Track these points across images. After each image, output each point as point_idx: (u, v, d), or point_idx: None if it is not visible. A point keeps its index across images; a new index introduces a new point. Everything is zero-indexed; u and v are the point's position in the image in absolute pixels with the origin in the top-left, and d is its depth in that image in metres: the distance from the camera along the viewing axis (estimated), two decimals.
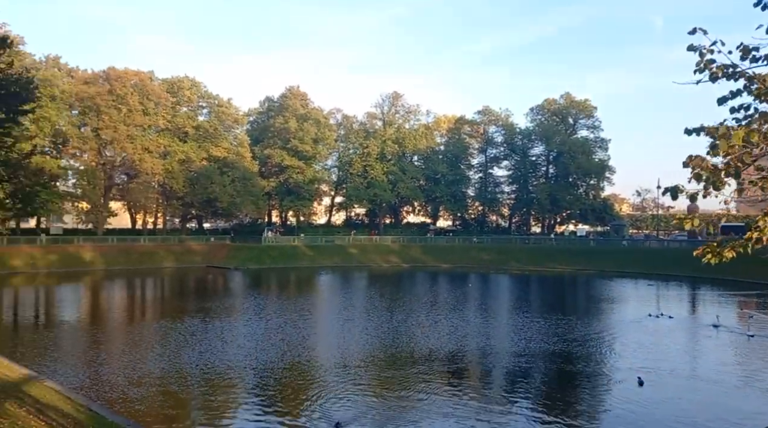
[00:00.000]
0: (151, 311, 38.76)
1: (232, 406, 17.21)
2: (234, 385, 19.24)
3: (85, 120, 71.50)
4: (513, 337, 27.52)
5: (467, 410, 16.62)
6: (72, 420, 12.46)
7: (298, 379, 19.93)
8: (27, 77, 22.86)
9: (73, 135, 69.61)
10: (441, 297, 44.90)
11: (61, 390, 17.23)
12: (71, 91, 70.30)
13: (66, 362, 21.74)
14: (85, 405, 15.96)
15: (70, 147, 70.99)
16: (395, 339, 26.65)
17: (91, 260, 67.83)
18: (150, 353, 23.46)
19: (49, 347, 24.40)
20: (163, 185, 78.26)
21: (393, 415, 16.12)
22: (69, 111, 72.60)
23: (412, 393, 18.32)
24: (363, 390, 18.50)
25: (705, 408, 17.02)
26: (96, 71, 74.65)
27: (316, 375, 20.46)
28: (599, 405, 17.61)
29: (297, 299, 42.24)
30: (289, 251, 77.48)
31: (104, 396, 17.49)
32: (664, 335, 28.52)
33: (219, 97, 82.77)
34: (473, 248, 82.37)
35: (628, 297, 45.29)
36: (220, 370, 20.69)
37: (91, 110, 70.20)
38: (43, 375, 19.04)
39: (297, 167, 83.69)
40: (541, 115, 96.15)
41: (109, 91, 70.37)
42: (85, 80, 72.55)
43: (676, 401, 17.59)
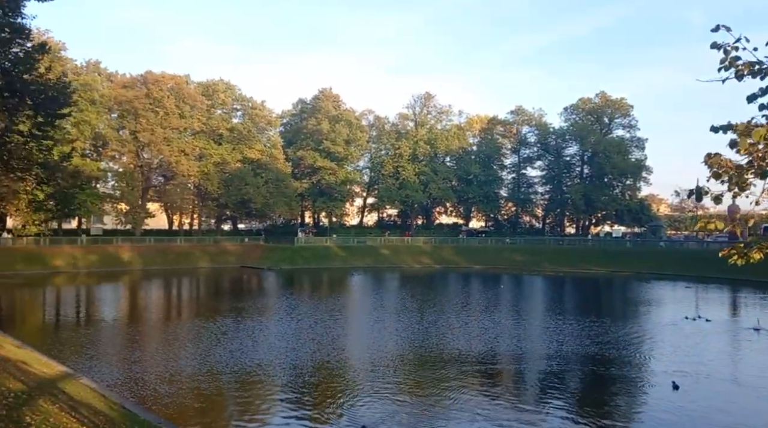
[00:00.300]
0: (185, 310, 39.48)
1: (259, 405, 17.38)
2: (263, 384, 19.43)
3: (123, 123, 73.36)
4: (545, 339, 27.17)
5: (497, 413, 16.45)
6: (104, 418, 12.75)
7: (327, 379, 20.04)
8: (64, 82, 23.53)
9: (112, 138, 71.42)
10: (472, 298, 44.62)
11: (96, 388, 17.67)
12: (110, 95, 72.20)
13: (102, 359, 22.26)
14: (118, 403, 16.34)
15: (109, 150, 72.85)
16: (425, 340, 26.57)
17: (129, 260, 69.41)
18: (182, 351, 23.86)
19: (87, 345, 25.02)
20: (198, 186, 79.70)
21: (421, 417, 16.04)
22: (108, 115, 74.56)
23: (441, 394, 18.23)
24: (391, 391, 18.47)
25: (741, 414, 16.52)
26: (134, 75, 76.50)
27: (345, 375, 20.54)
28: (632, 410, 17.24)
29: (328, 300, 42.47)
30: (321, 252, 77.98)
31: (137, 394, 17.86)
32: (702, 338, 27.79)
33: (253, 99, 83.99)
34: (506, 249, 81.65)
35: (665, 300, 44.28)
36: (250, 369, 20.92)
37: (129, 113, 71.94)
38: (79, 372, 19.59)
39: (329, 168, 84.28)
40: (575, 114, 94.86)
41: (146, 94, 71.97)
42: (124, 84, 74.38)
43: (712, 406, 17.10)
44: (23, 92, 19.95)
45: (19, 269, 61.03)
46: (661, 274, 62.47)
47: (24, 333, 27.56)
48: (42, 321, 34.40)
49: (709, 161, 5.18)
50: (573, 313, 36.16)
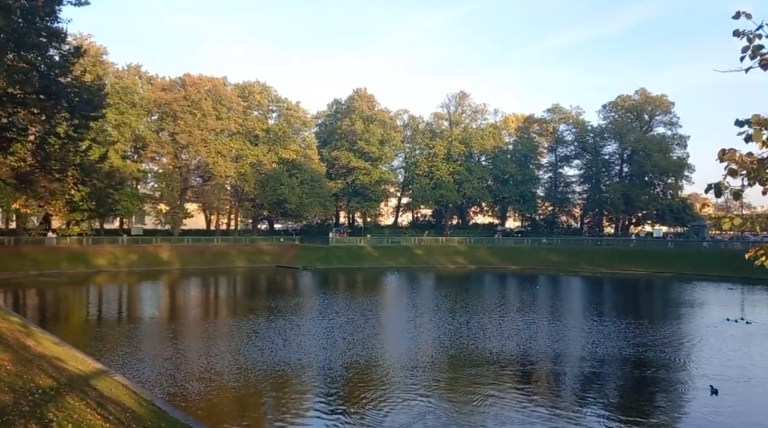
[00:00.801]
0: (219, 308, 40.02)
1: (286, 403, 17.41)
2: (291, 383, 19.48)
3: (162, 125, 75.02)
4: (580, 340, 26.58)
5: (529, 414, 16.14)
6: (131, 415, 12.93)
7: (355, 379, 19.96)
8: (98, 85, 24.10)
9: (151, 140, 73.07)
10: (507, 299, 44.07)
11: (129, 385, 17.97)
12: (150, 97, 73.87)
13: (137, 356, 22.65)
14: (149, 400, 16.57)
15: (149, 151, 74.50)
16: (458, 340, 26.30)
17: (168, 259, 70.86)
18: (214, 349, 24.15)
19: (124, 342, 25.52)
20: (235, 187, 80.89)
21: (451, 420, 15.80)
22: (148, 117, 76.30)
23: (472, 396, 17.97)
24: (422, 392, 18.27)
25: None
26: (173, 78, 78.07)
27: (374, 375, 20.41)
28: (667, 414, 16.66)
29: (360, 299, 42.49)
30: (355, 252, 78.23)
31: (168, 391, 18.11)
32: (744, 341, 26.80)
33: (288, 100, 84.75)
34: (542, 250, 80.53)
35: (707, 301, 42.93)
36: (279, 367, 21.00)
37: (168, 115, 73.50)
38: (113, 369, 19.98)
39: (363, 168, 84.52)
40: (614, 112, 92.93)
41: (184, 97, 73.36)
42: (163, 87, 76.02)
43: (750, 412, 16.44)
44: (59, 95, 20.51)
45: (63, 267, 62.95)
46: (704, 275, 60.68)
47: (65, 330, 28.31)
48: (82, 318, 35.28)
49: (723, 156, 4.92)
50: (610, 314, 35.36)
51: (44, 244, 67.26)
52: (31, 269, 59.91)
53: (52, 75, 20.98)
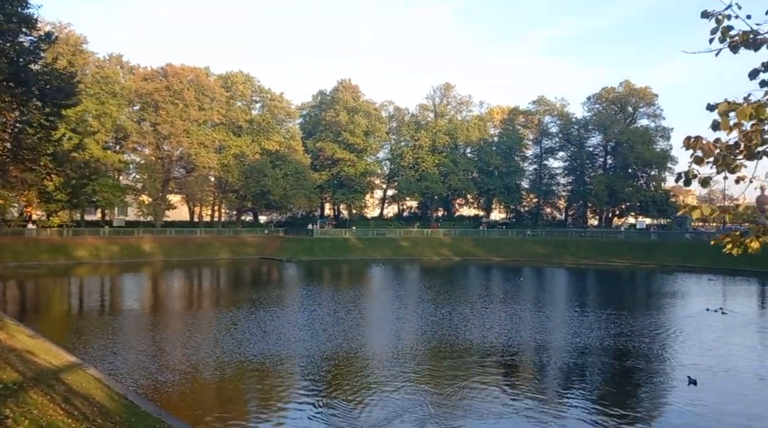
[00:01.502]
0: (201, 301, 39.57)
1: (260, 396, 17.16)
2: (267, 375, 19.21)
3: (144, 115, 73.96)
4: (562, 331, 26.58)
5: (509, 405, 16.03)
6: (99, 409, 12.63)
7: (334, 371, 19.75)
8: (69, 73, 23.53)
9: (132, 130, 72.03)
10: (491, 291, 44.11)
11: (102, 378, 17.63)
12: (131, 87, 72.80)
13: (114, 349, 22.24)
14: (121, 394, 16.26)
15: (130, 142, 73.52)
16: (440, 331, 26.18)
17: (150, 251, 70.10)
18: (193, 341, 23.81)
19: (101, 334, 25.09)
20: (218, 178, 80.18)
21: (433, 411, 15.60)
22: (129, 107, 75.24)
23: (454, 388, 17.84)
24: (403, 384, 18.07)
25: (757, 409, 15.84)
26: (154, 68, 76.96)
27: (353, 367, 20.22)
28: (647, 405, 16.65)
29: (343, 291, 42.29)
30: (340, 244, 77.92)
31: (142, 384, 17.77)
32: (722, 331, 26.96)
33: (271, 91, 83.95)
34: (527, 241, 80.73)
35: (688, 292, 43.26)
36: (256, 359, 20.74)
37: (150, 105, 72.52)
38: (88, 362, 19.62)
39: (348, 159, 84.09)
40: (598, 104, 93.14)
41: (166, 87, 72.39)
42: (145, 77, 74.93)
43: (728, 402, 16.45)
44: (29, 82, 19.97)
45: (43, 259, 62.07)
46: (686, 266, 61.18)
47: (41, 322, 27.85)
48: (61, 311, 34.75)
49: (689, 144, 4.73)
50: (592, 305, 35.48)
51: (24, 235, 66.22)
52: (10, 261, 58.97)
53: (22, 62, 20.44)
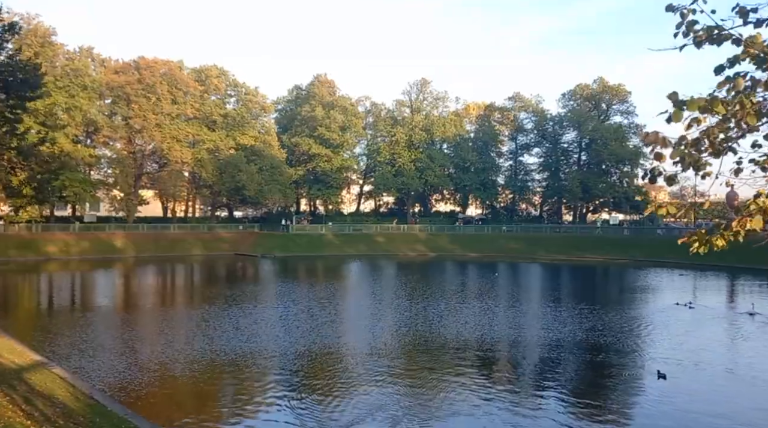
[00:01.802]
0: (172, 297, 39.02)
1: (228, 394, 16.88)
2: (238, 373, 18.93)
3: (115, 109, 72.55)
4: (534, 327, 26.70)
5: (480, 399, 15.99)
6: (62, 410, 12.27)
7: (308, 368, 19.55)
8: (34, 64, 22.86)
9: (104, 124, 70.64)
10: (466, 287, 44.25)
11: (67, 378, 17.20)
12: (102, 80, 71.40)
13: (81, 347, 21.71)
14: (87, 394, 15.86)
15: (101, 135, 72.13)
16: (415, 327, 26.10)
17: (122, 247, 69.03)
18: (162, 338, 23.42)
19: (69, 332, 24.48)
20: (192, 173, 79.13)
21: (407, 409, 15.43)
22: (101, 100, 73.79)
23: (428, 384, 17.78)
24: (377, 380, 17.92)
25: (726, 402, 16.03)
26: (126, 61, 75.61)
27: (327, 364, 20.01)
28: (616, 399, 16.75)
29: (318, 288, 42.05)
30: (315, 240, 77.57)
31: (110, 383, 17.37)
32: (691, 325, 27.35)
33: (246, 85, 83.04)
34: (502, 237, 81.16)
35: (659, 287, 43.90)
36: (228, 357, 20.42)
37: (122, 98, 71.19)
38: (55, 361, 19.14)
39: (324, 155, 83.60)
40: (573, 101, 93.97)
41: (138, 80, 71.14)
42: (116, 70, 73.54)
43: (697, 395, 16.62)
44: None
45: (12, 255, 60.71)
46: (658, 261, 61.99)
47: (8, 320, 27.19)
48: (29, 308, 34.00)
49: (646, 139, 4.66)
50: (565, 300, 35.77)
51: None
52: None
53: None
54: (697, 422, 14.60)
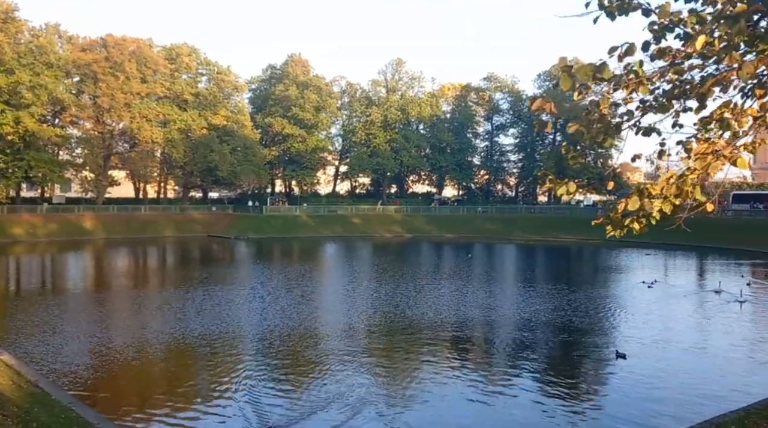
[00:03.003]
0: (138, 280, 38.16)
1: (188, 381, 16.40)
2: (198, 357, 18.50)
3: (82, 88, 70.62)
4: (501, 307, 26.61)
5: (448, 378, 15.77)
6: (1, 399, 11.77)
7: (270, 351, 19.14)
8: None
9: (70, 103, 68.79)
10: (438, 268, 44.18)
11: (14, 365, 16.60)
12: (68, 58, 69.40)
13: (37, 332, 21.00)
14: (32, 381, 15.30)
15: (68, 115, 70.30)
16: (382, 308, 25.86)
17: (92, 229, 67.76)
18: (122, 323, 22.91)
19: (24, 317, 23.69)
20: (164, 153, 77.71)
21: (375, 392, 15.07)
22: (68, 79, 71.81)
23: (397, 365, 17.55)
24: (345, 362, 17.56)
25: (685, 379, 15.97)
26: (94, 38, 73.50)
27: (291, 347, 19.52)
28: (574, 380, 16.63)
29: (288, 269, 41.62)
30: (290, 221, 76.93)
31: (59, 370, 16.78)
32: (654, 304, 27.46)
33: (218, 64, 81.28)
34: (478, 218, 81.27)
35: (629, 267, 44.22)
36: (186, 340, 19.96)
37: (89, 77, 69.26)
38: (4, 347, 18.50)
39: (298, 135, 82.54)
40: (548, 81, 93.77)
41: (106, 58, 69.21)
42: (83, 47, 71.49)
43: (656, 372, 16.53)
44: None
45: None
46: (630, 242, 62.34)
47: None
48: None
49: (531, 104, 4.45)
50: (536, 280, 35.92)
51: None
52: None
53: None
54: (655, 399, 14.52)
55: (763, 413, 10.32)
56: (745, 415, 10.39)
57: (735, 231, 58.58)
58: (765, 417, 9.72)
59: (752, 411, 10.75)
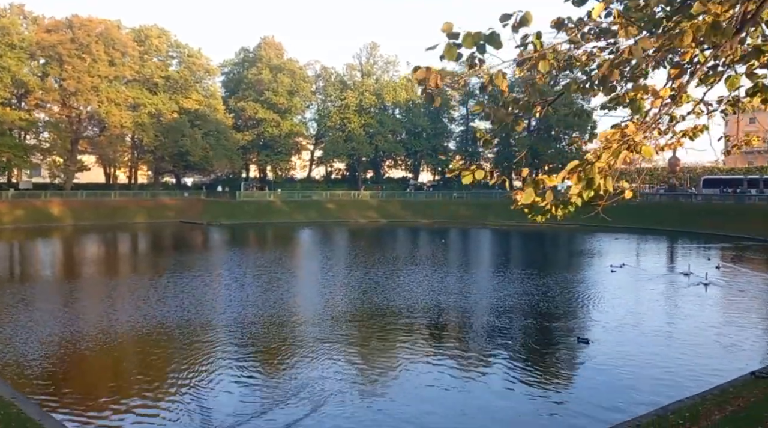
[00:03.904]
0: (102, 267, 37.13)
1: (140, 374, 15.82)
2: (155, 348, 17.93)
3: (48, 70, 68.62)
4: (468, 292, 26.38)
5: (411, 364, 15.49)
6: None
7: (232, 339, 18.63)
8: None
9: (35, 86, 66.87)
10: (411, 253, 43.88)
11: None
12: (32, 39, 67.34)
13: None
14: None
15: (33, 98, 68.37)
16: (350, 295, 25.53)
17: (60, 215, 66.21)
18: (78, 312, 22.15)
19: None
20: (134, 138, 76.13)
21: (341, 384, 14.69)
22: (33, 60, 69.77)
23: (365, 353, 17.18)
24: (312, 351, 17.18)
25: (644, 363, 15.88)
26: (59, 19, 71.36)
27: (254, 335, 19.05)
28: (535, 365, 16.45)
29: (259, 255, 41.01)
30: (264, 207, 76.03)
31: (3, 361, 16.14)
32: (620, 288, 27.52)
33: (189, 46, 79.59)
34: (453, 204, 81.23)
35: (600, 251, 44.52)
36: (146, 331, 19.39)
37: (54, 59, 67.32)
38: None
39: (272, 120, 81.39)
40: (523, 65, 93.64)
41: (72, 39, 67.25)
42: (48, 28, 69.38)
43: (618, 356, 16.43)
44: None
45: None
46: (604, 226, 62.82)
47: None
48: None
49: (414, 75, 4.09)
50: (504, 266, 35.85)
51: None
52: None
53: None
54: (615, 386, 14.39)
55: (717, 400, 10.19)
56: (701, 401, 10.26)
57: (705, 215, 59.30)
58: (718, 404, 9.59)
59: (708, 397, 10.63)
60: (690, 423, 8.52)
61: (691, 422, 8.55)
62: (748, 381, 11.58)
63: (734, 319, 21.62)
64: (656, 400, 12.58)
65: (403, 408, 13.09)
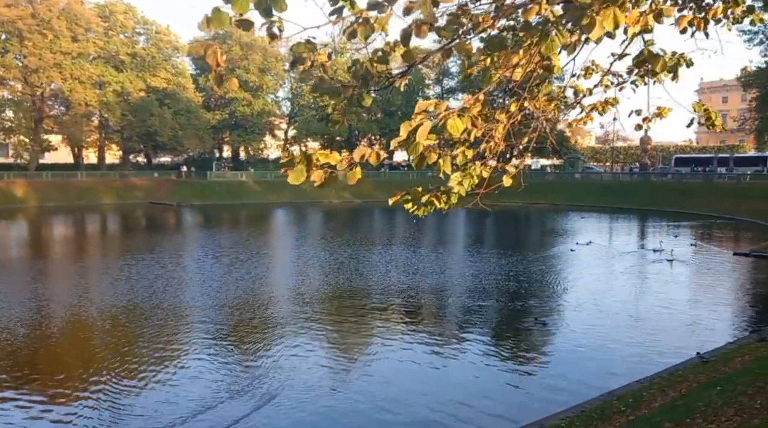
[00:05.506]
0: (63, 249, 36.22)
1: (86, 361, 15.28)
2: (105, 333, 17.36)
3: (7, 46, 66.29)
4: (432, 272, 26.07)
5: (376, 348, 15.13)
6: None
7: (188, 325, 18.07)
8: None
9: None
10: (383, 234, 43.63)
11: None
12: None
13: None
14: None
15: None
16: (316, 277, 25.07)
17: (24, 196, 64.56)
18: (27, 296, 21.36)
19: None
20: (101, 117, 74.26)
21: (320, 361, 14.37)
22: None
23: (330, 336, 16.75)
24: (295, 330, 16.74)
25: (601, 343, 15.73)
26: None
27: (217, 320, 18.51)
28: (494, 346, 16.21)
29: (227, 236, 40.30)
30: (236, 187, 75.00)
31: None
32: (585, 267, 27.46)
33: (156, 23, 77.52)
34: (427, 183, 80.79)
35: (570, 230, 44.46)
36: (93, 315, 18.76)
37: (13, 35, 65.04)
38: None
39: (243, 98, 79.93)
40: None
41: (32, 14, 64.94)
42: (7, 3, 66.86)
43: (574, 337, 16.25)
44: None
45: None
46: (575, 205, 63.19)
47: None
48: None
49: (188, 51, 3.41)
50: (472, 246, 35.77)
51: None
52: None
53: None
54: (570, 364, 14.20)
55: (663, 383, 9.97)
56: (648, 386, 10.03)
57: (675, 193, 59.89)
58: (662, 389, 9.36)
59: (656, 380, 10.42)
60: (631, 410, 8.27)
61: (632, 409, 8.30)
62: (696, 364, 11.39)
63: (698, 297, 21.66)
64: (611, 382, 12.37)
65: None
